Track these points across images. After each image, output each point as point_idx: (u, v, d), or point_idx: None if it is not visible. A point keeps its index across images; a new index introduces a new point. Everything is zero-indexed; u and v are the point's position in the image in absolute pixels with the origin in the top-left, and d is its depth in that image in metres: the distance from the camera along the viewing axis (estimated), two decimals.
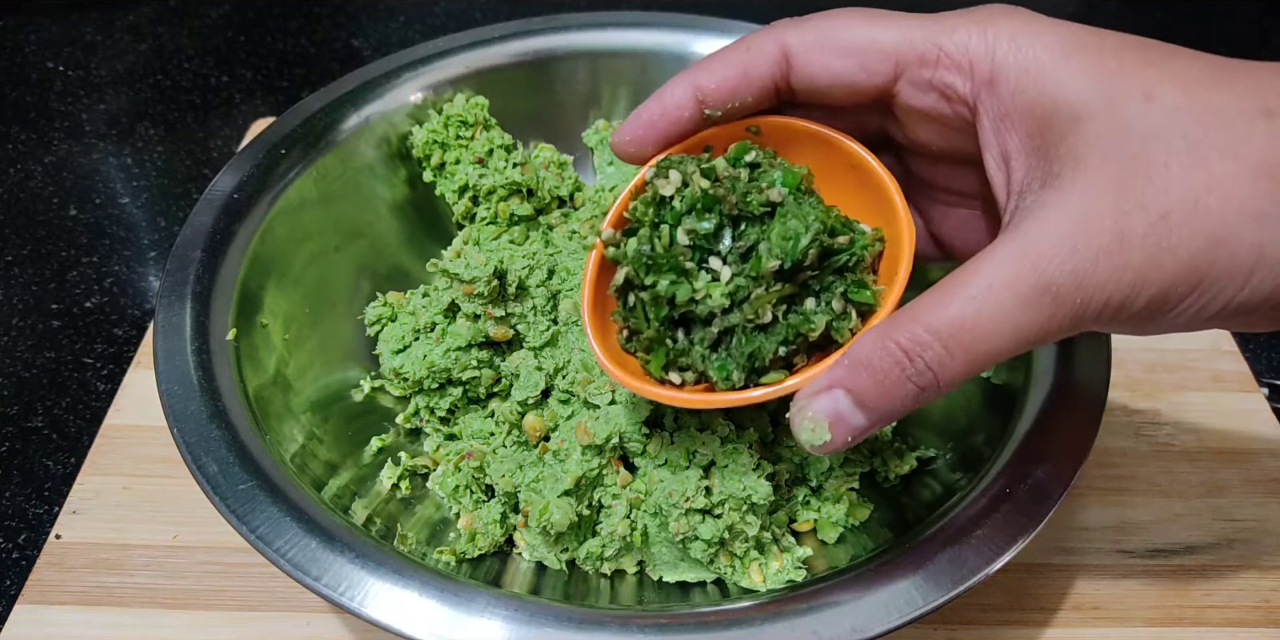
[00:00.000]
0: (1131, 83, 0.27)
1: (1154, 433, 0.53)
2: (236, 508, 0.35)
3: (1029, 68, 0.29)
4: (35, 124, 0.74)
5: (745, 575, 0.40)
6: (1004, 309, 0.27)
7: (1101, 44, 0.28)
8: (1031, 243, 0.27)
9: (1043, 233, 0.27)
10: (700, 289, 0.32)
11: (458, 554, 0.41)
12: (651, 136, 0.35)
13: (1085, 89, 0.28)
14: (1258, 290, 0.26)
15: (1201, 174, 0.26)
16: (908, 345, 0.28)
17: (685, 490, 0.39)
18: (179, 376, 0.39)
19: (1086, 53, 0.28)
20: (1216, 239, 0.26)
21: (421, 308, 0.47)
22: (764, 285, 0.32)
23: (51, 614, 0.43)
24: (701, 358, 0.33)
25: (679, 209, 0.33)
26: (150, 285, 0.62)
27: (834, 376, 0.29)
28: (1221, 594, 0.46)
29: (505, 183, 0.52)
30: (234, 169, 0.47)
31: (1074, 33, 0.29)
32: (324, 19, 0.87)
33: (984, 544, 0.35)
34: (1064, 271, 0.26)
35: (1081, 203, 0.27)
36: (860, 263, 0.32)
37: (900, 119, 0.34)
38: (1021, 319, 0.27)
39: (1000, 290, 0.27)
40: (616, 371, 0.34)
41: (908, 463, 0.45)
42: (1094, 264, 0.26)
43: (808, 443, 0.29)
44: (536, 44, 0.55)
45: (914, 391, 0.28)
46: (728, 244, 0.32)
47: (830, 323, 0.32)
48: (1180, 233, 0.26)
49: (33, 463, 0.52)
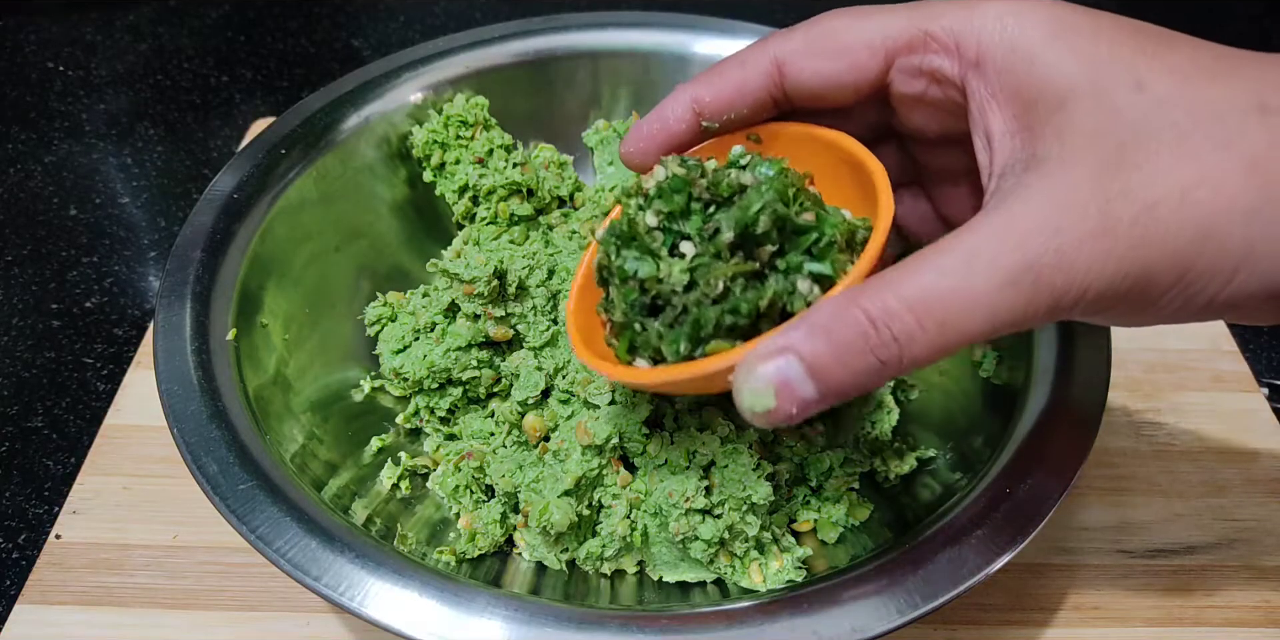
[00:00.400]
0: (1122, 69, 0.27)
1: (1154, 433, 0.53)
2: (236, 508, 0.35)
3: (1016, 47, 0.28)
4: (35, 124, 0.74)
5: (745, 575, 0.40)
6: (983, 285, 0.25)
7: (1095, 26, 0.28)
8: (1015, 222, 0.26)
9: (1026, 213, 0.26)
10: (665, 269, 0.32)
11: (458, 554, 0.41)
12: (653, 147, 0.36)
13: (1073, 72, 0.27)
14: (1244, 286, 0.26)
15: (1192, 166, 0.25)
16: (876, 314, 0.25)
17: (685, 490, 0.39)
18: (179, 376, 0.39)
19: (1078, 34, 0.27)
20: (1204, 233, 0.25)
21: (421, 308, 0.47)
22: (722, 259, 0.31)
23: (51, 614, 0.43)
24: (658, 335, 0.32)
25: (652, 194, 0.33)
26: (150, 285, 0.62)
27: (788, 339, 0.26)
28: (1221, 594, 0.46)
29: (505, 183, 0.52)
30: (234, 169, 0.47)
31: (1065, 12, 0.28)
32: (324, 19, 0.87)
33: (984, 544, 0.35)
34: (1047, 251, 0.25)
35: (1066, 186, 0.26)
36: (831, 245, 0.32)
37: (896, 107, 0.34)
38: (998, 298, 0.25)
39: (980, 266, 0.25)
40: (581, 348, 0.35)
41: (908, 463, 0.45)
42: (1077, 248, 0.25)
43: (749, 409, 0.27)
44: (536, 44, 0.55)
45: (874, 365, 0.26)
46: (698, 227, 0.32)
47: (787, 294, 0.31)
48: (1168, 224, 0.25)
49: (33, 463, 0.52)
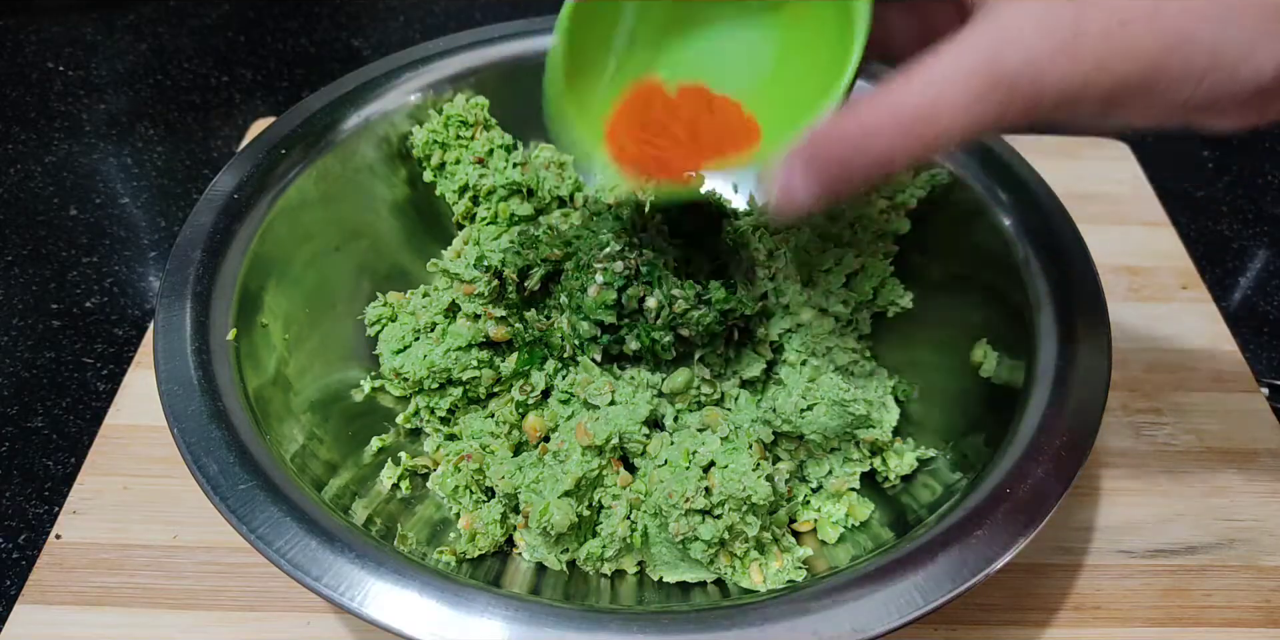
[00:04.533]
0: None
1: (1154, 433, 0.53)
2: (236, 508, 0.35)
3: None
4: (35, 124, 0.74)
5: (745, 575, 0.40)
6: (961, 95, 0.28)
7: None
8: (991, 34, 0.28)
9: (1002, 27, 0.28)
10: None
11: (458, 554, 0.41)
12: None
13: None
14: (1211, 90, 0.27)
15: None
16: (867, 122, 0.29)
17: (685, 490, 0.39)
18: (179, 376, 0.39)
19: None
20: (1173, 43, 0.27)
21: (421, 308, 0.47)
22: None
23: (51, 614, 0.43)
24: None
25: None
26: (150, 285, 0.62)
27: (792, 151, 0.31)
28: (1221, 594, 0.46)
29: (505, 183, 0.52)
30: (234, 169, 0.47)
31: None
32: (324, 19, 0.87)
33: (984, 544, 0.35)
34: (1019, 62, 0.27)
35: (1039, 2, 0.28)
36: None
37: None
38: (974, 106, 0.28)
39: (958, 78, 0.28)
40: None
41: (908, 463, 0.45)
42: (1050, 60, 0.27)
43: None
44: (536, 44, 0.55)
45: (868, 166, 0.30)
46: None
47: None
48: (1137, 33, 0.27)
49: (33, 463, 0.52)
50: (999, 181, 0.48)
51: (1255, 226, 0.69)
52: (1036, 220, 0.46)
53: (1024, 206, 0.47)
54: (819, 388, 0.43)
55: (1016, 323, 0.44)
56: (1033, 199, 0.47)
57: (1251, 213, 0.70)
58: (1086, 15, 0.27)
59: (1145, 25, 0.26)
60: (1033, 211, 0.47)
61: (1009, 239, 0.46)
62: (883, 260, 0.50)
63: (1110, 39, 0.27)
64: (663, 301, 0.42)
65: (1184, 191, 0.71)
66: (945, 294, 0.49)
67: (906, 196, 0.50)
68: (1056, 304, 0.43)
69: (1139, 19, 0.27)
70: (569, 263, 0.45)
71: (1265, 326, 0.62)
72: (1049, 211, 0.47)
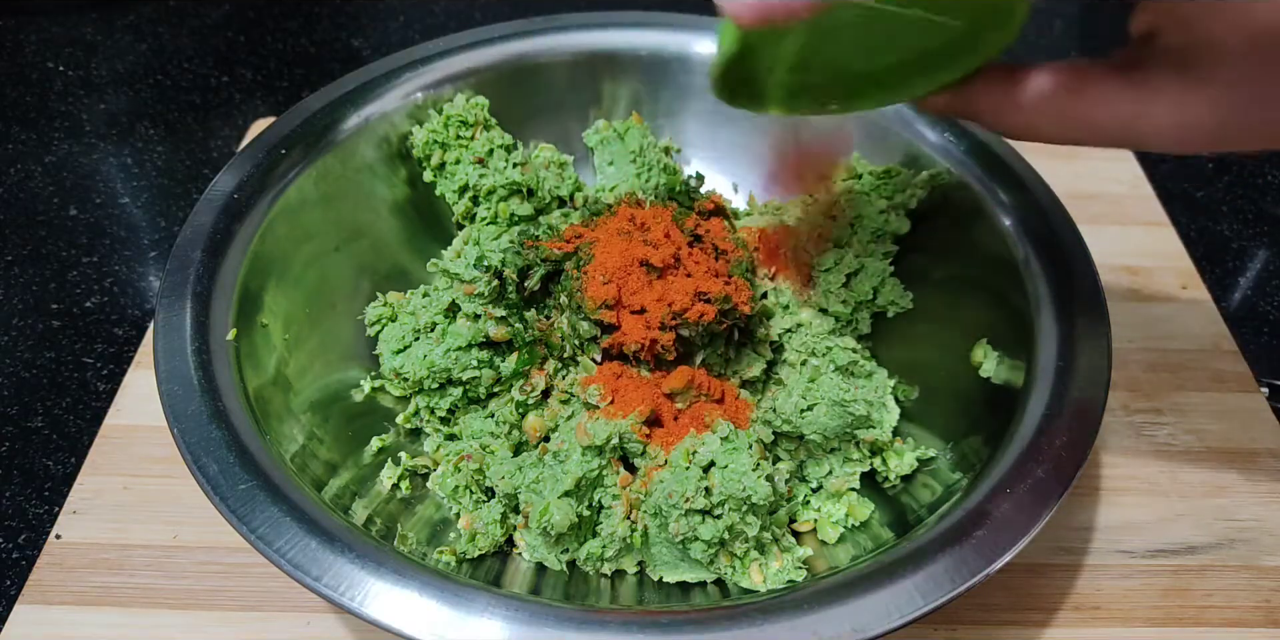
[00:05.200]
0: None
1: (1154, 433, 0.53)
2: (236, 508, 0.35)
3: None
4: (35, 124, 0.74)
5: (745, 575, 0.40)
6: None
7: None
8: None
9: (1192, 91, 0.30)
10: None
11: (458, 554, 0.41)
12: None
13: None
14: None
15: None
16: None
17: (685, 490, 0.39)
18: (179, 376, 0.39)
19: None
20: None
21: (421, 308, 0.47)
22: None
23: (51, 614, 0.43)
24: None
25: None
26: (150, 285, 0.62)
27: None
28: (1221, 594, 0.46)
29: (505, 183, 0.52)
30: (234, 169, 0.47)
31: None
32: (324, 19, 0.87)
33: (984, 544, 0.35)
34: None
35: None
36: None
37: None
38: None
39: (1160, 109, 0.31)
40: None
41: (908, 463, 0.45)
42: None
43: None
44: (537, 44, 0.55)
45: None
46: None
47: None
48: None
49: (33, 463, 0.52)
50: (999, 181, 0.48)
51: (1255, 226, 0.69)
52: (1036, 220, 0.46)
53: (1024, 206, 0.47)
54: (819, 388, 0.43)
55: (1016, 323, 0.44)
56: (1033, 199, 0.47)
57: (1251, 213, 0.70)
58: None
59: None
60: (1033, 211, 0.47)
61: (1009, 239, 0.46)
62: (882, 260, 0.50)
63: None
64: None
65: (1184, 191, 0.71)
66: (945, 294, 0.49)
67: (906, 196, 0.50)
68: (1056, 304, 0.43)
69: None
70: (569, 263, 0.45)
71: (1265, 326, 0.62)
72: (1049, 211, 0.47)
